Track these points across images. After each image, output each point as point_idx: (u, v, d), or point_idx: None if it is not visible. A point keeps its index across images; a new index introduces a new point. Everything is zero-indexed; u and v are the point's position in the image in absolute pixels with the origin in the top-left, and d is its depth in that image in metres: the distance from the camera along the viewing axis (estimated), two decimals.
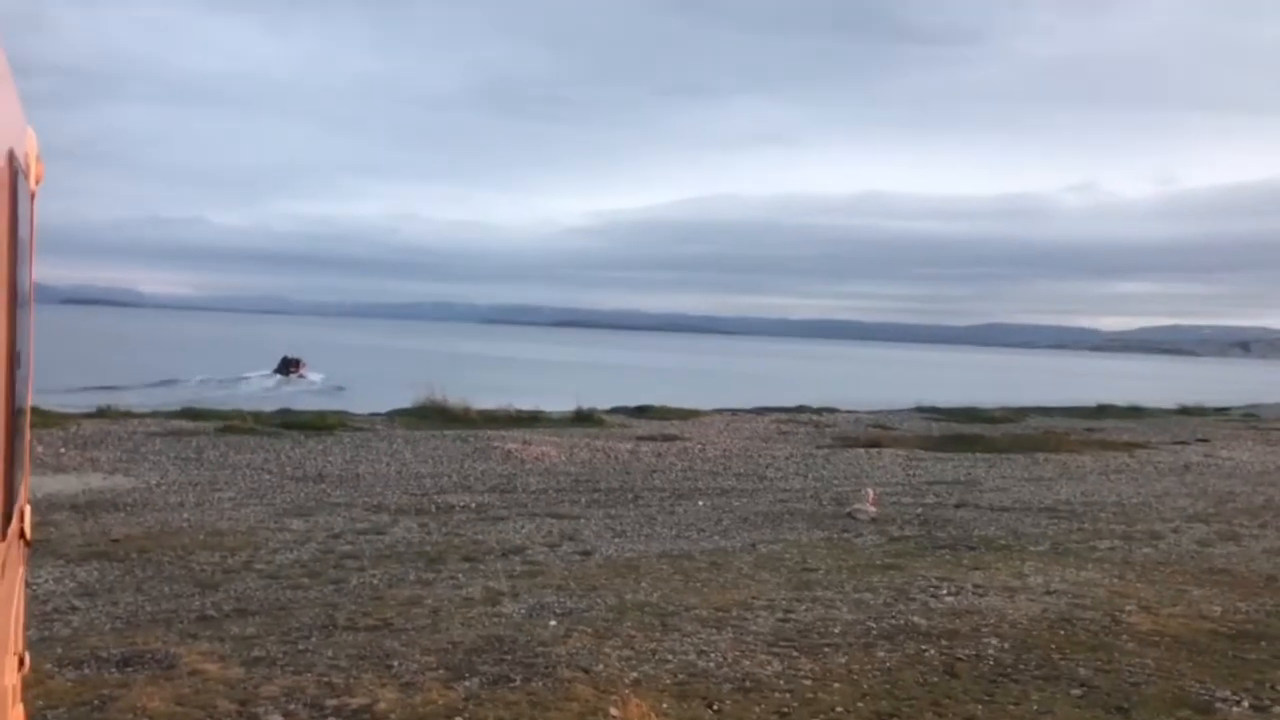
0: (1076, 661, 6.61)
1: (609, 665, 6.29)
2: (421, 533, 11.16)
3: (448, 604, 7.82)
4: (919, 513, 13.38)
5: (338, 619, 7.34)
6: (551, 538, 11.02)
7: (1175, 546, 11.07)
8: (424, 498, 13.97)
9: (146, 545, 9.98)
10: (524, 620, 7.36)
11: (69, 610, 7.59)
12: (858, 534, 11.66)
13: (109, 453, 17.47)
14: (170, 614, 7.55)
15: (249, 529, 11.08)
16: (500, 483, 15.91)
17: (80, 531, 10.67)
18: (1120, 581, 9.12)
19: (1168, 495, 15.77)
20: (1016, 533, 11.82)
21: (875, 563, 9.86)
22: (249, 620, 7.34)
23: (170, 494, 13.57)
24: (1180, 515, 13.53)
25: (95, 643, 6.64)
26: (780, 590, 8.52)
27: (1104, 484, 17.42)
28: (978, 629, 7.34)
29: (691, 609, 7.77)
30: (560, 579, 8.85)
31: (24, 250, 3.00)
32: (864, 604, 8.05)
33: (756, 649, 6.74)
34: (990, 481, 17.56)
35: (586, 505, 13.66)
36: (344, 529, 11.22)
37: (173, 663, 6.16)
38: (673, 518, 12.72)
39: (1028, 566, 9.70)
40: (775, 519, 12.72)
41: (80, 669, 6.05)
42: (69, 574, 8.73)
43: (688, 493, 15.25)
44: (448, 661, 6.29)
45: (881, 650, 6.77)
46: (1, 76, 2.28)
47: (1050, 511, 13.75)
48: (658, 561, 9.79)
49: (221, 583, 8.59)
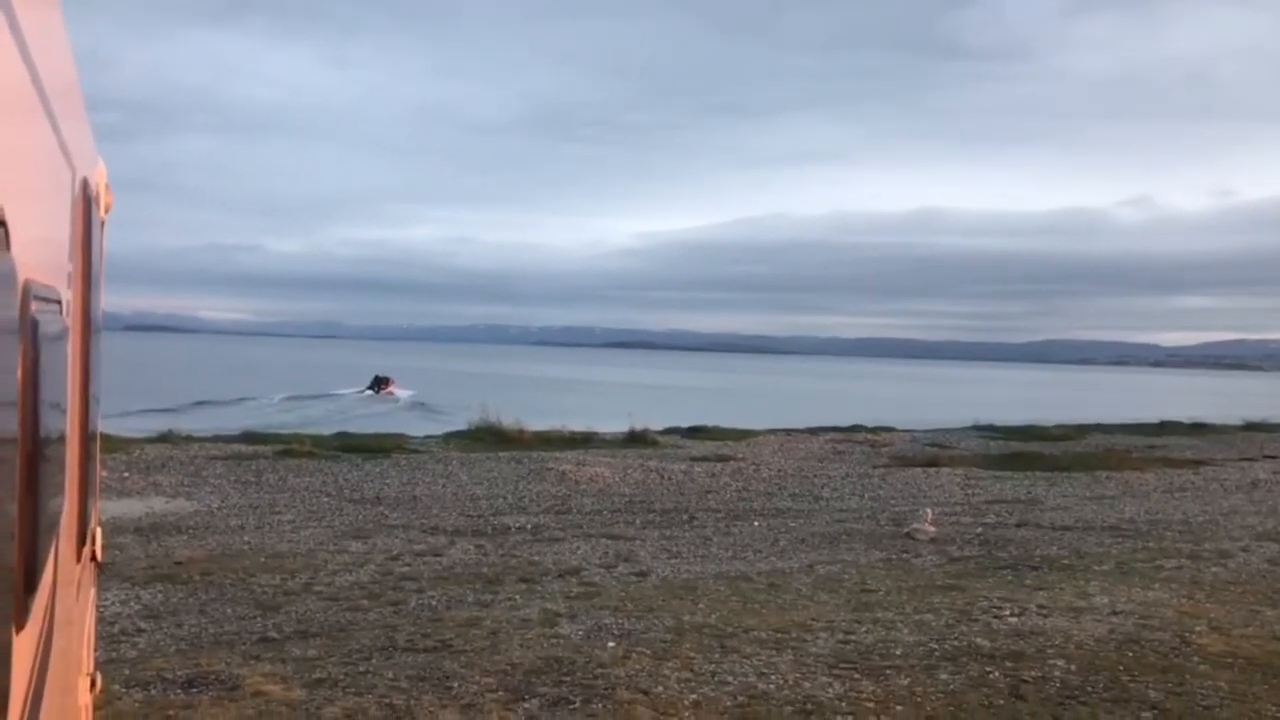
0: (1146, 684, 6.46)
1: (668, 687, 6.26)
2: (478, 554, 11.20)
3: (506, 625, 7.84)
4: (979, 532, 13.18)
5: (397, 640, 7.39)
6: (607, 559, 11.01)
7: (1245, 565, 10.80)
8: (480, 519, 14.02)
9: (209, 568, 10.11)
10: (582, 642, 7.35)
11: (135, 632, 7.72)
12: (917, 554, 11.51)
13: (171, 477, 17.75)
14: (233, 636, 7.65)
15: (308, 551, 11.19)
16: (555, 504, 15.94)
17: (144, 554, 10.84)
18: (1189, 601, 8.91)
19: (1235, 513, 15.40)
20: (1080, 552, 11.60)
21: (935, 583, 9.72)
22: (310, 642, 7.41)
23: (231, 517, 13.75)
24: (1249, 533, 13.20)
25: (161, 664, 6.74)
26: (840, 611, 8.43)
27: (1168, 502, 17.06)
28: (1043, 650, 7.21)
29: (750, 630, 7.71)
30: (617, 600, 8.83)
31: (97, 279, 3.06)
32: (925, 625, 7.94)
33: (817, 671, 6.67)
34: (1051, 500, 17.26)
35: (641, 526, 13.63)
36: (402, 551, 11.29)
37: (236, 684, 6.23)
38: (728, 538, 12.65)
39: (1092, 586, 9.51)
40: (832, 539, 12.60)
41: (147, 690, 6.15)
42: (134, 596, 8.87)
43: (743, 513, 15.17)
44: (507, 683, 6.29)
45: (944, 672, 6.67)
46: (75, 108, 2.34)
47: (1114, 530, 13.48)
48: (714, 583, 9.74)
49: (282, 604, 8.68)
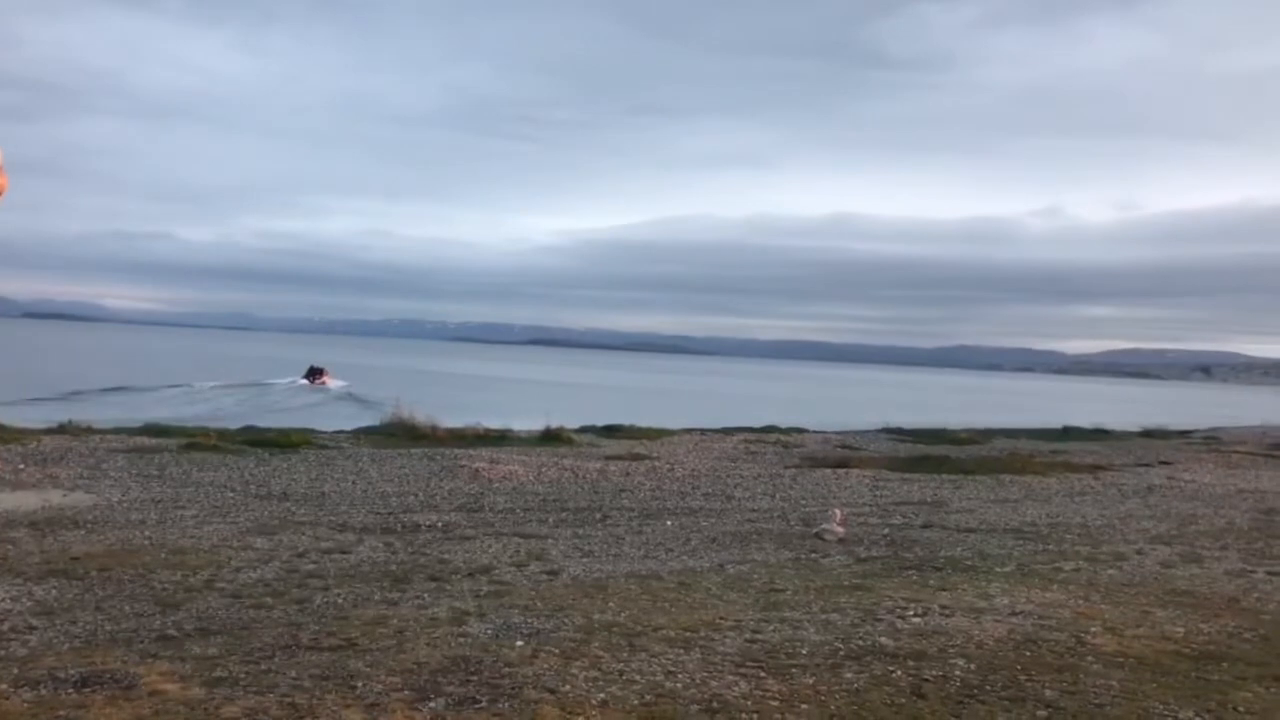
0: (1042, 683, 6.64)
1: (576, 686, 6.25)
2: (387, 552, 11.06)
3: (413, 624, 7.75)
4: (886, 533, 13.41)
5: (301, 639, 7.25)
6: (519, 557, 10.95)
7: (1139, 568, 11.16)
8: (390, 516, 13.85)
9: (107, 563, 9.82)
10: (490, 641, 7.30)
11: (26, 629, 7.45)
12: (825, 554, 11.67)
13: (70, 469, 17.21)
14: (130, 633, 7.43)
15: (211, 547, 10.94)
16: (467, 501, 15.82)
17: (39, 549, 10.49)
18: (1085, 603, 9.18)
19: (1131, 517, 15.91)
20: (983, 554, 11.88)
21: (843, 583, 9.87)
22: (210, 640, 7.24)
23: (131, 511, 13.37)
24: (1144, 537, 13.65)
25: (53, 662, 6.52)
26: (748, 611, 8.51)
27: (1069, 505, 17.55)
28: (945, 650, 7.36)
29: (659, 629, 7.74)
30: (527, 599, 8.79)
31: None
32: (831, 625, 8.05)
33: (724, 670, 6.72)
34: (957, 502, 17.64)
35: (554, 525, 13.60)
36: (308, 548, 11.10)
37: (132, 683, 6.06)
38: (640, 537, 12.68)
39: (994, 587, 9.74)
40: (743, 539, 12.71)
41: (37, 689, 5.94)
42: (26, 592, 8.57)
43: (656, 512, 15.22)
44: (413, 682, 6.22)
45: (849, 671, 6.77)
46: None
47: (1016, 533, 13.83)
48: (625, 581, 9.75)
49: (183, 602, 8.46)
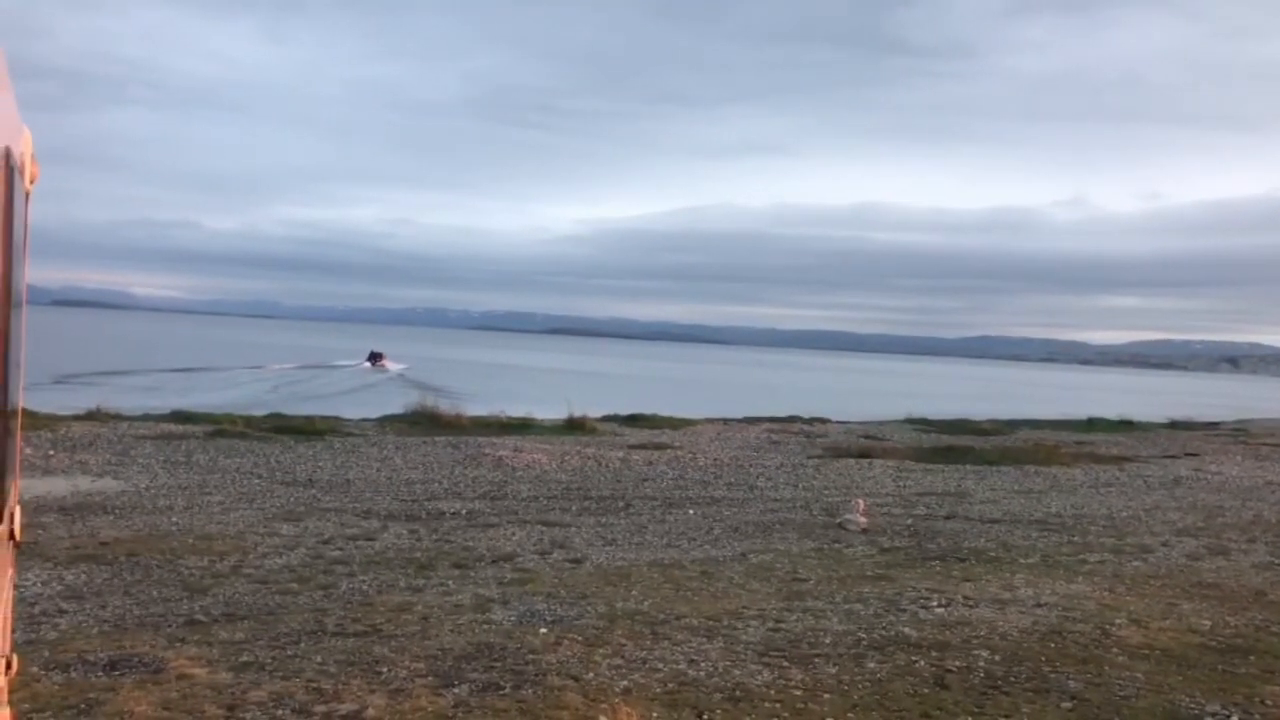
0: (1067, 674, 6.61)
1: (599, 673, 6.27)
2: (411, 539, 11.13)
3: (437, 611, 7.80)
4: (909, 524, 13.38)
5: (327, 624, 7.32)
6: (542, 545, 11.00)
7: (1165, 560, 11.09)
8: (414, 504, 13.93)
9: (135, 549, 9.93)
10: (514, 628, 7.34)
11: (56, 613, 7.55)
12: (848, 544, 11.65)
13: (98, 455, 17.39)
14: (158, 618, 7.52)
15: (238, 533, 11.04)
16: (491, 489, 15.88)
17: (68, 534, 10.62)
18: (1110, 595, 9.13)
19: (1157, 509, 15.80)
20: (1007, 545, 11.83)
21: (866, 573, 9.86)
22: (237, 625, 7.31)
23: (159, 497, 13.51)
24: (1170, 529, 13.55)
25: (82, 646, 6.61)
26: (771, 600, 8.51)
27: (1094, 497, 17.44)
28: (968, 641, 7.34)
29: (682, 618, 7.76)
30: (551, 586, 8.83)
31: (18, 250, 2.99)
32: (854, 615, 8.04)
33: (747, 658, 6.73)
34: (980, 493, 17.56)
35: (577, 513, 13.64)
36: (334, 534, 11.18)
37: (160, 667, 6.13)
38: (663, 526, 12.70)
39: (1018, 579, 9.71)
40: (766, 528, 12.71)
41: (67, 672, 6.02)
42: (56, 577, 8.68)
43: (679, 501, 15.23)
44: (437, 668, 6.26)
45: (872, 661, 6.77)
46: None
47: (1040, 524, 13.77)
48: (648, 570, 9.78)
49: (210, 587, 8.55)
